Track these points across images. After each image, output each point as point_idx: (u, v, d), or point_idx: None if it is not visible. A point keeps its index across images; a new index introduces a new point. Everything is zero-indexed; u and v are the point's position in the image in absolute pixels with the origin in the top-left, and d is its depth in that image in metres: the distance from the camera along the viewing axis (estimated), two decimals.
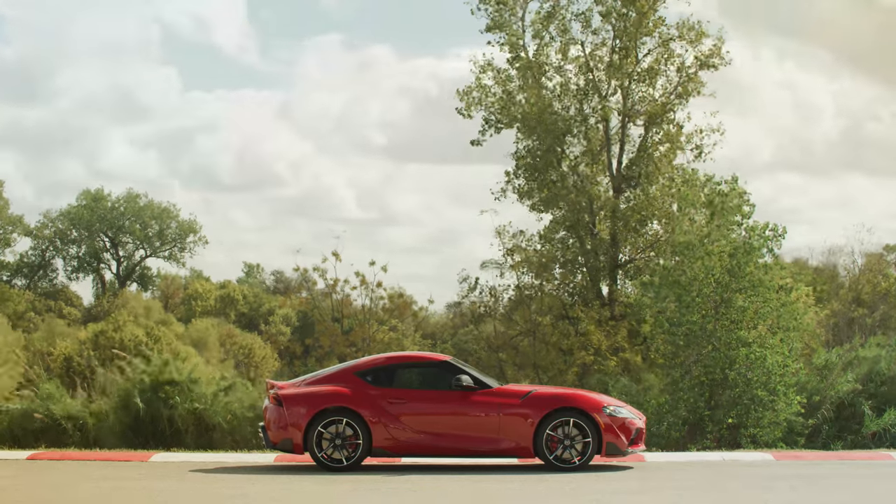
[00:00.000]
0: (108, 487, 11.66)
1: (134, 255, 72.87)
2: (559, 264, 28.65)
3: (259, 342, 56.18)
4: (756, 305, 18.73)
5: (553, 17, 28.30)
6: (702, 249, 19.06)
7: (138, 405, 17.54)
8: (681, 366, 19.15)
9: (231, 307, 66.33)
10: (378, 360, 13.70)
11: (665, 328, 19.36)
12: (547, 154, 28.28)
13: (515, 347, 27.87)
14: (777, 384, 18.33)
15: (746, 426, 18.21)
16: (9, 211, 66.67)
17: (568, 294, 28.79)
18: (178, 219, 71.96)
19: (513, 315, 27.73)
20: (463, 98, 28.67)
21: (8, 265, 67.98)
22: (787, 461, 14.50)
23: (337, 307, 24.21)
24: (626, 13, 27.75)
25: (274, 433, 13.16)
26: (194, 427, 17.71)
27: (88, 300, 68.80)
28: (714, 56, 27.82)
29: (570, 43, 28.36)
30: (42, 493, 11.04)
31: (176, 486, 11.68)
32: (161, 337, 42.65)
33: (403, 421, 12.95)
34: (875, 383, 19.62)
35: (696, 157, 27.99)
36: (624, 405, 13.39)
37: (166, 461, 14.59)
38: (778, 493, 10.92)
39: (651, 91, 28.12)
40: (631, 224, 27.83)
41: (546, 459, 12.79)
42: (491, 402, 12.99)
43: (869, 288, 34.51)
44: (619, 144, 28.70)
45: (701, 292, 18.87)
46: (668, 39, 27.91)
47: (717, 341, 18.60)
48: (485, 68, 28.71)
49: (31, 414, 17.74)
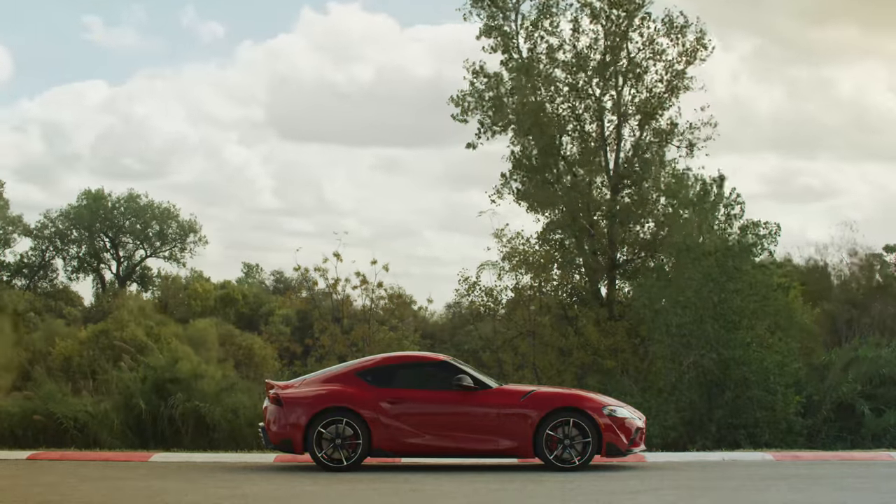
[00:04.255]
0: (108, 487, 11.67)
1: (134, 255, 72.89)
2: (557, 265, 28.65)
3: (259, 342, 56.13)
4: (754, 305, 18.74)
5: (544, 18, 28.34)
6: (697, 250, 19.08)
7: (140, 405, 17.56)
8: (679, 366, 19.16)
9: (231, 307, 66.30)
10: (378, 360, 13.72)
11: (663, 329, 19.37)
12: (542, 155, 28.30)
13: (515, 347, 27.86)
14: (776, 384, 18.34)
15: (746, 426, 18.22)
16: (8, 211, 66.71)
17: (566, 294, 28.79)
18: (178, 219, 71.97)
19: (512, 315, 27.71)
20: (458, 103, 28.71)
21: (8, 265, 67.98)
22: (787, 461, 14.52)
23: (337, 307, 24.20)
24: (614, 13, 27.84)
25: (274, 433, 13.17)
26: (194, 427, 17.73)
27: (89, 300, 68.85)
28: (698, 48, 27.85)
29: (562, 45, 28.40)
30: (42, 493, 11.05)
31: (176, 486, 11.68)
32: (162, 336, 42.65)
33: (403, 421, 12.96)
34: (874, 383, 19.63)
35: (688, 153, 28.00)
36: (624, 405, 13.40)
37: (166, 461, 14.61)
38: (778, 493, 10.93)
39: (642, 89, 28.14)
40: (628, 223, 27.84)
41: (546, 459, 12.80)
42: (491, 401, 13.00)
43: (862, 286, 34.50)
44: (614, 143, 28.70)
45: (698, 292, 18.88)
46: (654, 38, 27.97)
47: (715, 341, 18.61)
48: (478, 73, 28.76)
49: (31, 414, 17.76)
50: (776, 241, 19.41)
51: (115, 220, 70.84)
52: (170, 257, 72.66)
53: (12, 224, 67.31)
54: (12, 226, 67.45)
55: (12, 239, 68.02)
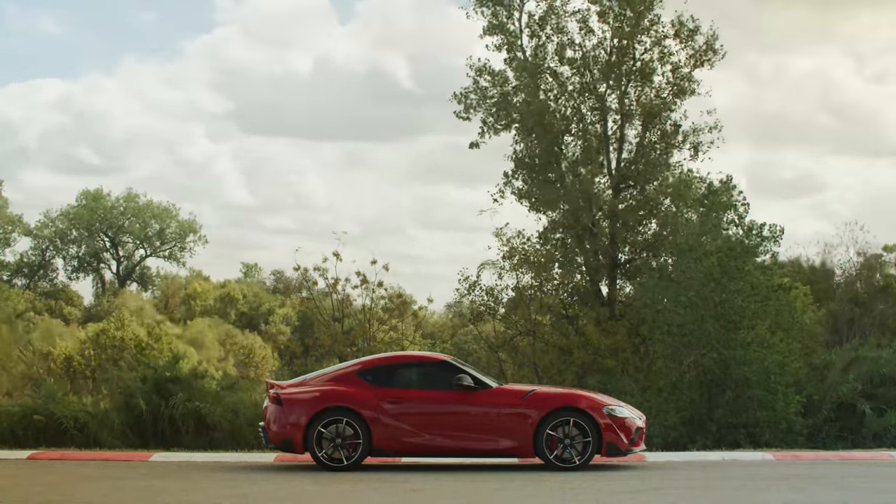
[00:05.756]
0: (108, 487, 11.66)
1: (134, 255, 72.90)
2: (558, 264, 28.63)
3: (259, 342, 56.18)
4: (755, 305, 18.73)
5: (550, 17, 28.29)
6: (699, 250, 19.07)
7: (140, 405, 17.54)
8: (679, 366, 19.15)
9: (231, 307, 66.31)
10: (378, 360, 13.73)
11: (664, 329, 19.36)
12: (545, 154, 28.27)
13: (515, 347, 27.85)
14: (776, 383, 18.33)
15: (746, 426, 18.21)
16: (8, 210, 66.67)
17: (567, 294, 28.78)
18: (177, 218, 71.99)
19: (512, 315, 27.70)
20: (461, 101, 28.67)
21: (8, 265, 67.95)
22: (787, 461, 14.51)
23: (337, 307, 24.16)
24: (622, 13, 27.75)
25: (274, 433, 13.17)
26: (195, 427, 17.72)
27: (88, 300, 68.84)
28: (708, 52, 27.79)
29: (568, 44, 28.35)
30: (42, 493, 11.04)
31: (176, 486, 11.68)
32: (162, 336, 42.68)
33: (403, 421, 12.95)
34: (875, 383, 19.62)
35: (692, 156, 27.99)
36: (624, 405, 13.40)
37: (166, 461, 14.60)
38: (778, 493, 10.92)
39: (648, 90, 28.10)
40: (629, 223, 27.82)
41: (546, 459, 12.79)
42: (491, 401, 13.00)
43: (865, 286, 34.50)
44: (617, 144, 28.67)
45: (699, 292, 18.87)
46: (662, 38, 27.90)
47: (715, 341, 18.60)
48: (481, 71, 28.70)
49: (31, 414, 17.74)
50: (779, 242, 19.41)
51: (115, 220, 70.85)
52: (169, 257, 72.72)
53: (12, 223, 67.30)
54: (12, 225, 67.44)
55: (12, 238, 68.03)
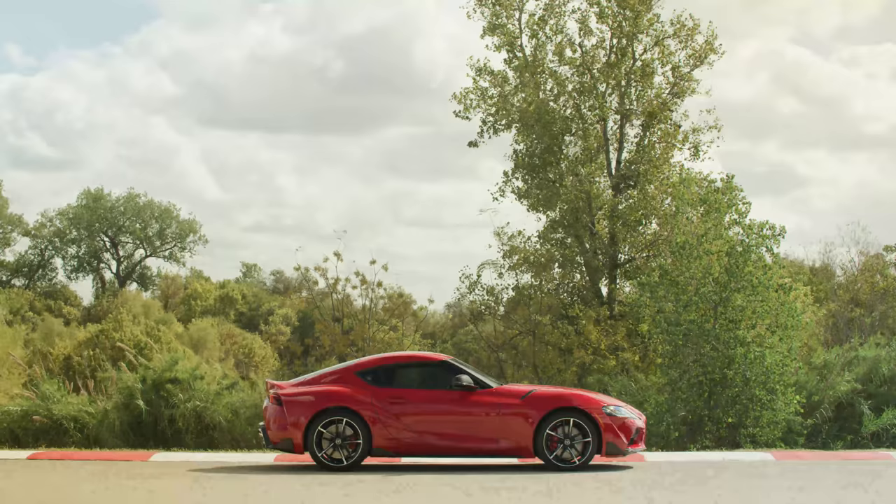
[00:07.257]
0: (108, 487, 11.66)
1: (134, 255, 72.91)
2: (558, 264, 28.67)
3: (259, 342, 56.22)
4: (755, 305, 18.72)
5: (549, 17, 28.32)
6: (700, 249, 19.07)
7: (140, 405, 17.54)
8: (679, 365, 19.15)
9: (231, 307, 66.35)
10: (378, 360, 13.72)
11: (663, 328, 19.35)
12: (545, 154, 28.31)
13: (515, 347, 27.89)
14: (776, 383, 18.33)
15: (746, 426, 18.21)
16: (8, 210, 66.68)
17: (567, 293, 28.81)
18: (178, 218, 71.98)
19: (512, 315, 27.74)
20: (461, 101, 28.71)
21: (7, 265, 67.95)
22: (787, 461, 14.52)
23: (337, 307, 24.20)
24: (622, 13, 27.79)
25: (274, 433, 13.17)
26: (195, 426, 17.72)
27: (88, 300, 68.85)
28: (707, 51, 27.82)
29: (567, 44, 28.38)
30: (42, 493, 11.04)
31: (176, 486, 11.68)
32: (161, 336, 42.69)
33: (403, 421, 12.96)
34: (875, 383, 19.61)
35: (693, 156, 28.02)
36: (624, 405, 13.40)
37: (166, 461, 14.60)
38: (778, 493, 10.92)
39: (647, 90, 28.14)
40: (630, 223, 27.86)
41: (546, 459, 12.80)
42: (491, 401, 13.00)
43: (867, 287, 34.51)
44: (617, 144, 28.71)
45: (699, 292, 18.87)
46: (662, 38, 27.92)
47: (715, 341, 18.59)
48: (481, 71, 28.73)
49: (31, 414, 17.74)
50: (779, 242, 19.38)
51: (115, 220, 70.85)
52: (169, 257, 72.72)
53: (11, 223, 67.30)
54: (11, 225, 67.45)
55: (11, 238, 68.03)
